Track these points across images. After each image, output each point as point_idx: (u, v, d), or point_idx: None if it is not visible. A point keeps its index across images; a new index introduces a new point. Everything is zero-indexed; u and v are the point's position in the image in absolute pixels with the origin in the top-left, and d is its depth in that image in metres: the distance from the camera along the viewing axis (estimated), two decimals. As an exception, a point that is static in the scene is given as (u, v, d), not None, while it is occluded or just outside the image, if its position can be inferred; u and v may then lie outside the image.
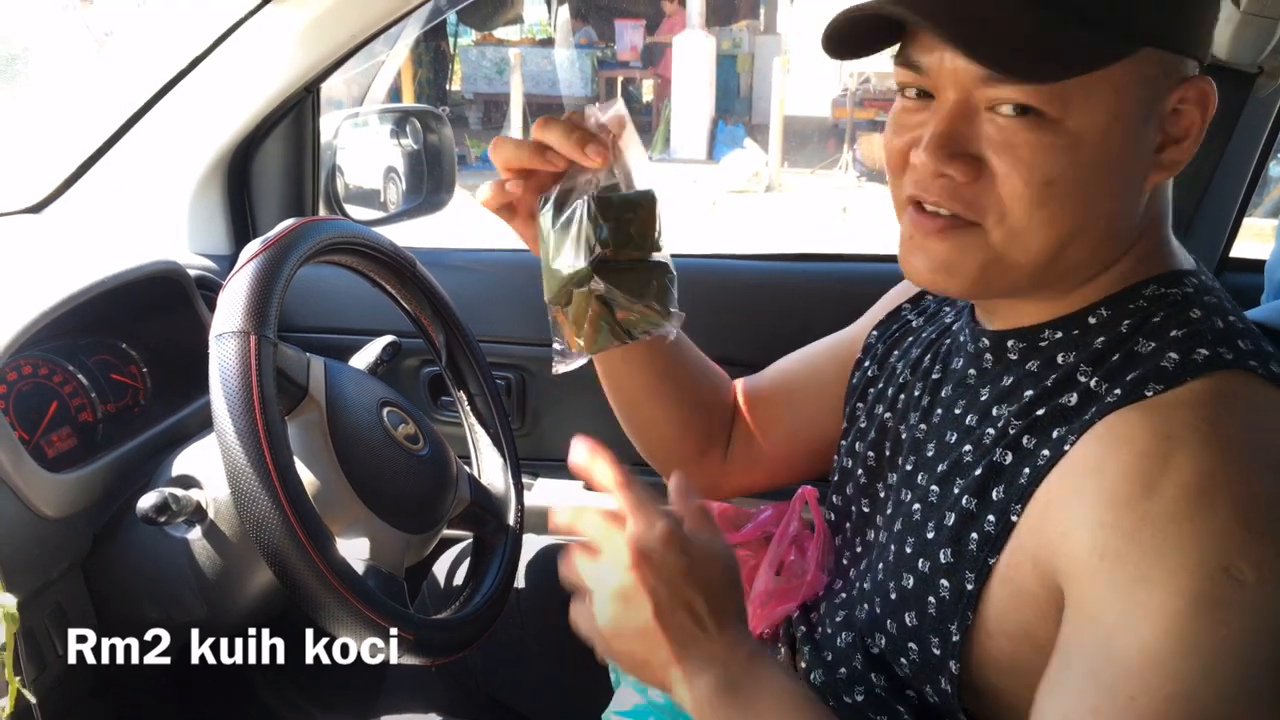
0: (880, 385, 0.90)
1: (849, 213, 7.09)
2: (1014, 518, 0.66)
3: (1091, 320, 0.70)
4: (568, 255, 0.76)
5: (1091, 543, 0.60)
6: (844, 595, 0.85)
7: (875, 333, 0.96)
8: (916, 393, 0.84)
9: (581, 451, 0.73)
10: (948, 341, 0.84)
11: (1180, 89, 0.65)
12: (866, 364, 0.94)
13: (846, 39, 0.68)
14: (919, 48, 0.67)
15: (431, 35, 9.04)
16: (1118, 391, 0.64)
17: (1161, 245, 0.72)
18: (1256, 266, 1.36)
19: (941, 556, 0.70)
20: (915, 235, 0.70)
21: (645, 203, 0.77)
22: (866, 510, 0.87)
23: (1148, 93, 0.64)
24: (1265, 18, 1.19)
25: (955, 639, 0.69)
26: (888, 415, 0.87)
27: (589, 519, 0.70)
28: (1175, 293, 0.69)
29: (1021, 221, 0.65)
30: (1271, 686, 0.56)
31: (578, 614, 0.70)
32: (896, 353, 0.91)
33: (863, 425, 0.90)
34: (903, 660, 0.74)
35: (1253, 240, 2.18)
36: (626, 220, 0.76)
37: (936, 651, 0.71)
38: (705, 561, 0.68)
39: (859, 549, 0.87)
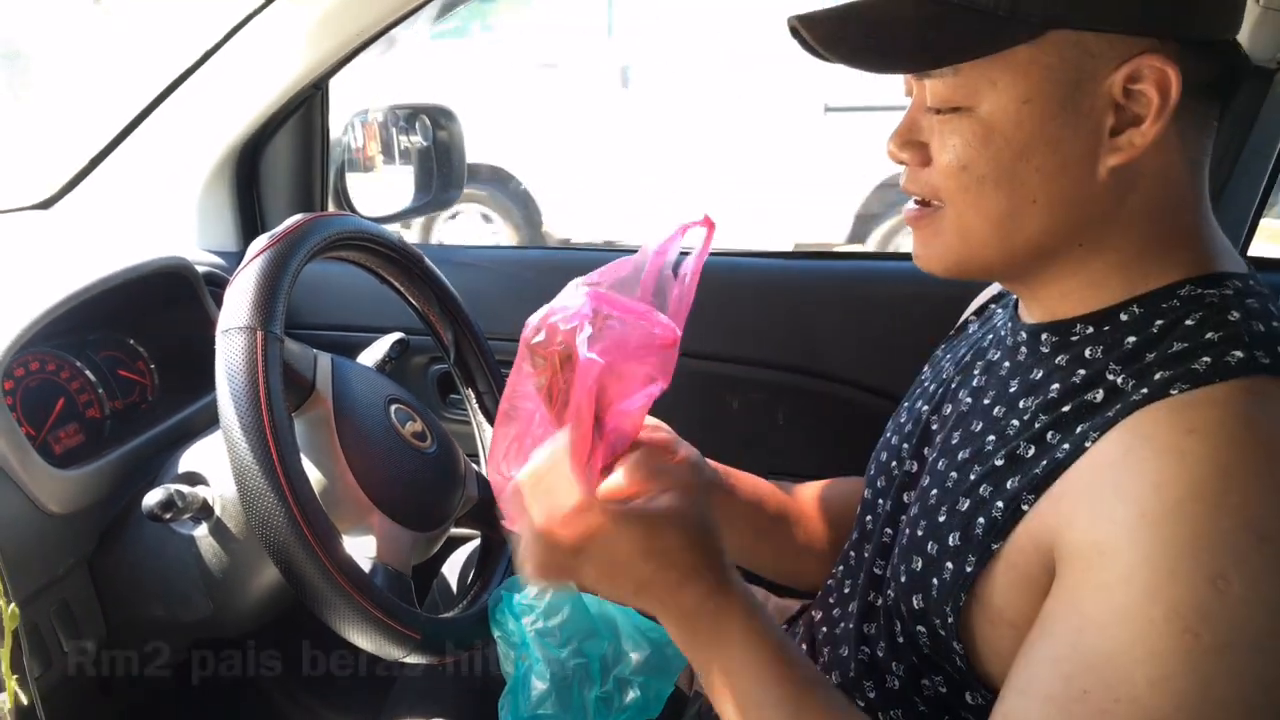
0: (926, 384, 0.91)
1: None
2: (1025, 506, 0.66)
3: (1123, 317, 0.68)
4: None
5: (1095, 535, 0.59)
6: (872, 592, 0.84)
7: (941, 349, 0.96)
8: (954, 385, 0.84)
9: None
10: (990, 337, 0.84)
11: (1125, 68, 0.62)
12: (925, 374, 0.94)
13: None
14: None
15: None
16: (1144, 390, 0.63)
17: (1199, 242, 0.70)
18: (1273, 266, 1.35)
19: (950, 540, 0.70)
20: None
21: None
22: (895, 503, 0.86)
23: (1067, 75, 0.63)
24: (1285, 13, 1.18)
25: (950, 620, 0.69)
26: (925, 408, 0.87)
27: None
28: (1213, 294, 0.66)
29: (955, 205, 0.68)
30: (1232, 698, 0.55)
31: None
32: (949, 356, 0.91)
33: (903, 419, 0.90)
34: (923, 642, 0.74)
35: (1267, 242, 2.16)
36: None
37: (942, 634, 0.71)
38: (653, 532, 0.66)
39: (885, 540, 0.86)
